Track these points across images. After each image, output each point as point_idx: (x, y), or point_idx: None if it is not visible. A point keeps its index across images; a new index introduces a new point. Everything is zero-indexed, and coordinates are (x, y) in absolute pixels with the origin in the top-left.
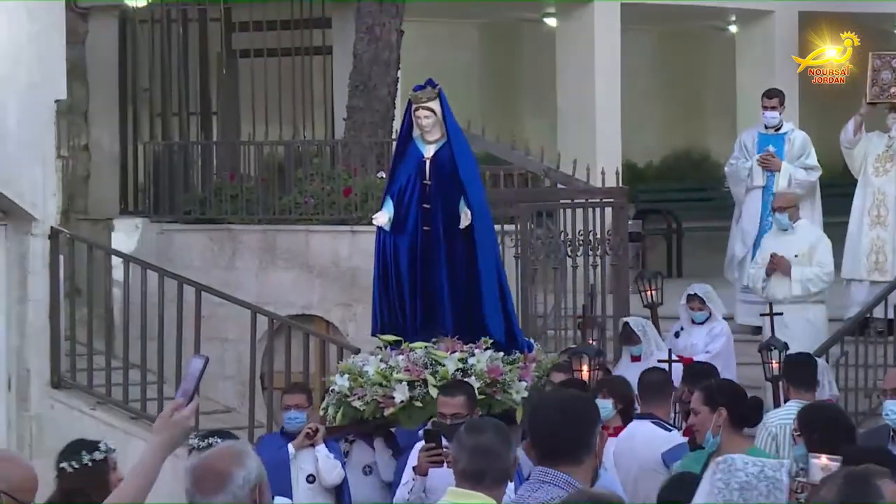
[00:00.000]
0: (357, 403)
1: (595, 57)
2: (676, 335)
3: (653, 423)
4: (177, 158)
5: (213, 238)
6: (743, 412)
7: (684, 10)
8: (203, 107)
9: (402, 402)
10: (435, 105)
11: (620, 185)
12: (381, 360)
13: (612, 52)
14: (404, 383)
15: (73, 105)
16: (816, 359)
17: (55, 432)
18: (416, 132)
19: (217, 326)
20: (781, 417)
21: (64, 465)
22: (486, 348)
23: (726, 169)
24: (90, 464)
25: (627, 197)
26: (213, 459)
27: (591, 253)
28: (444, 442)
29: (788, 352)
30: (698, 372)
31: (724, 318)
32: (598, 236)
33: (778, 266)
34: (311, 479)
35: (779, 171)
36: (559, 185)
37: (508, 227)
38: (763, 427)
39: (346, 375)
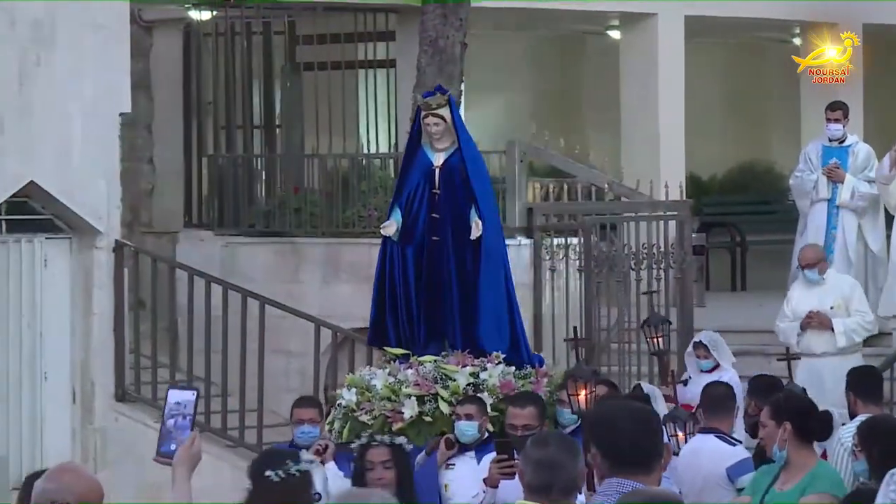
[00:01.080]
0: (364, 418)
1: (659, 69)
2: (685, 384)
3: (717, 437)
4: (241, 171)
5: (276, 251)
6: (809, 426)
7: (748, 22)
8: (267, 120)
9: (411, 417)
10: (445, 112)
11: (684, 198)
12: (389, 374)
13: (676, 64)
14: (413, 398)
15: (137, 118)
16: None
17: (119, 445)
18: (425, 139)
19: (281, 339)
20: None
21: (269, 473)
22: (499, 363)
23: (791, 182)
24: (297, 473)
25: (691, 210)
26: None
27: (654, 266)
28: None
29: (818, 405)
30: (763, 385)
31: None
32: (662, 249)
33: (820, 323)
34: (318, 496)
35: (843, 182)
36: (623, 199)
37: (572, 241)
38: (837, 441)
39: (354, 389)
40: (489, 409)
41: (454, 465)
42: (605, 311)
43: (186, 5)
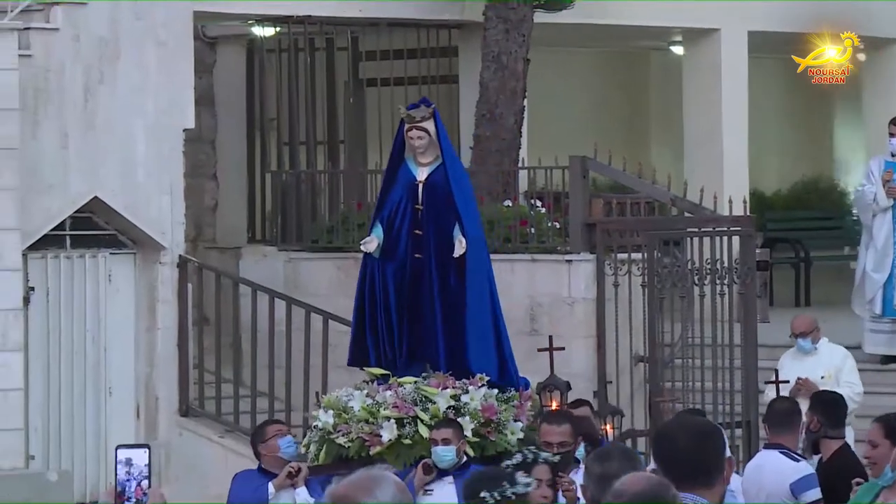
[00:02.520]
0: (341, 440)
1: (722, 84)
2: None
3: (781, 452)
4: (304, 187)
5: (340, 266)
6: None
7: (811, 38)
8: (330, 135)
9: (389, 440)
10: (429, 125)
11: (748, 213)
12: (367, 395)
13: (739, 79)
14: (392, 421)
15: (201, 134)
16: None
17: (183, 460)
18: (408, 153)
19: (344, 355)
20: None
21: (485, 495)
22: (482, 385)
23: (853, 195)
24: (513, 497)
25: (755, 225)
26: (346, 487)
27: (718, 282)
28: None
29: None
30: (825, 400)
31: (850, 348)
32: (726, 265)
33: (806, 390)
34: None
35: None
36: (686, 214)
37: (635, 256)
38: None
39: (331, 411)
40: (470, 434)
41: (432, 490)
42: (669, 326)
43: (250, 21)
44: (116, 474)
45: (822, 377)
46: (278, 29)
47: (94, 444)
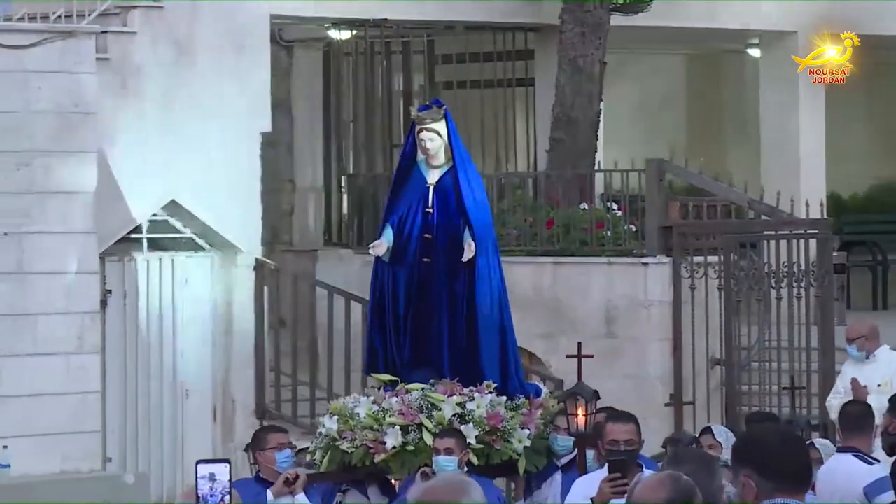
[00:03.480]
0: (345, 447)
1: (799, 87)
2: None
3: (854, 456)
4: (380, 190)
5: None
6: None
7: (889, 40)
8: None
9: (393, 447)
10: (440, 127)
11: (825, 216)
12: (373, 402)
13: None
14: (397, 427)
15: (278, 137)
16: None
17: None
18: (419, 156)
19: None
20: None
21: None
22: (489, 392)
23: None
24: None
25: (832, 228)
26: (438, 490)
27: (795, 285)
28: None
29: None
30: None
31: None
32: (803, 268)
33: (855, 394)
34: None
35: None
36: (763, 217)
37: (712, 259)
38: None
39: (336, 417)
40: (475, 442)
41: None
42: (745, 329)
43: (326, 25)
44: (198, 488)
45: (879, 385)
46: (355, 32)
47: (171, 447)
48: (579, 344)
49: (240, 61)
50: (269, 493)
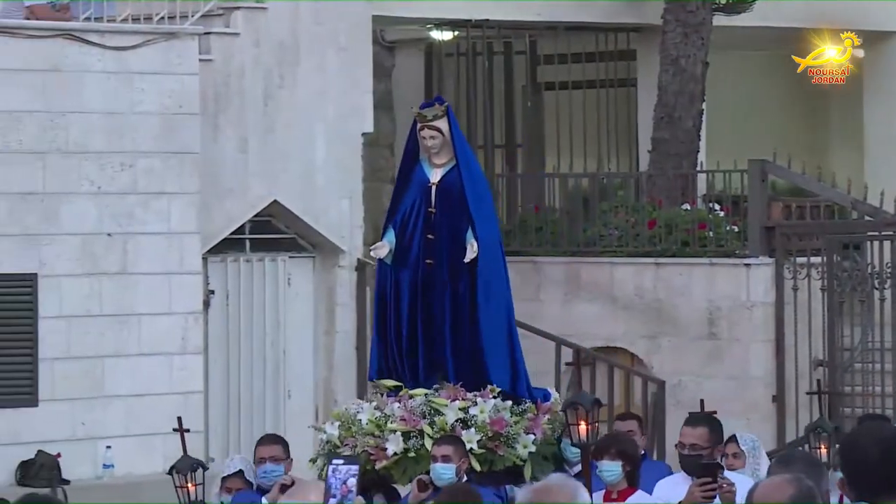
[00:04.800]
0: (347, 454)
1: None
2: None
3: None
4: None
5: (517, 270)
6: None
7: None
8: (508, 139)
9: (395, 454)
10: (442, 124)
11: None
12: (376, 408)
13: None
14: (398, 434)
15: (379, 138)
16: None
17: None
18: (422, 154)
19: (526, 357)
20: None
21: None
22: (494, 396)
23: None
24: None
25: None
26: (551, 492)
27: None
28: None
29: None
30: None
31: None
32: None
33: None
34: None
35: None
36: (866, 217)
37: (815, 259)
38: None
39: (338, 423)
40: (477, 447)
41: None
42: (849, 330)
43: (428, 25)
44: (330, 487)
45: None
46: (456, 33)
47: None
48: (577, 351)
49: (342, 62)
50: (264, 500)
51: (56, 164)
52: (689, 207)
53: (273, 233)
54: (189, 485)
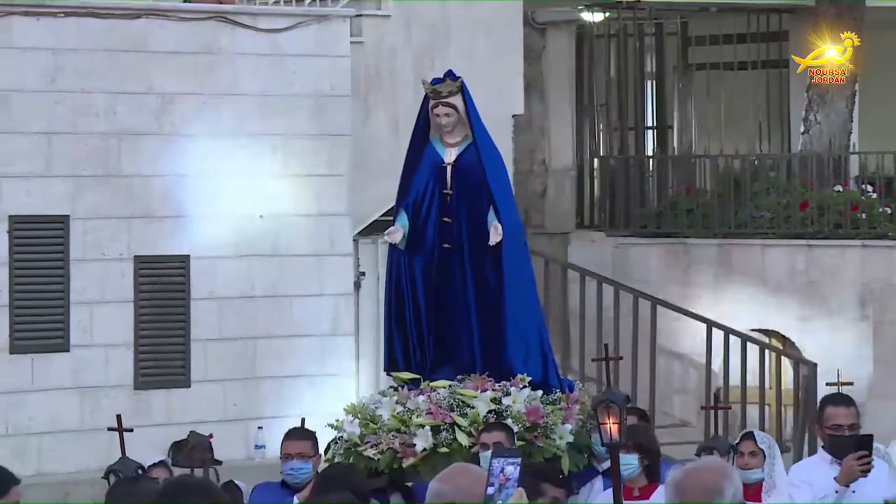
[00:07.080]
0: (370, 453)
1: None
2: None
3: None
4: (633, 173)
5: (668, 252)
6: None
7: None
8: (659, 120)
9: (424, 450)
10: (457, 100)
11: None
12: (397, 402)
13: None
14: (427, 428)
15: (530, 120)
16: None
17: None
18: (433, 133)
19: (672, 341)
20: None
21: None
22: (524, 386)
23: None
24: None
25: None
26: (703, 473)
27: None
28: None
29: None
30: None
31: None
32: None
33: None
34: None
35: None
36: None
37: None
38: None
39: (357, 420)
40: (515, 440)
41: None
42: None
43: (579, 7)
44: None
45: None
46: (608, 14)
47: None
48: (605, 346)
49: (492, 44)
50: (296, 499)
51: (209, 146)
52: (841, 189)
53: None
54: None
